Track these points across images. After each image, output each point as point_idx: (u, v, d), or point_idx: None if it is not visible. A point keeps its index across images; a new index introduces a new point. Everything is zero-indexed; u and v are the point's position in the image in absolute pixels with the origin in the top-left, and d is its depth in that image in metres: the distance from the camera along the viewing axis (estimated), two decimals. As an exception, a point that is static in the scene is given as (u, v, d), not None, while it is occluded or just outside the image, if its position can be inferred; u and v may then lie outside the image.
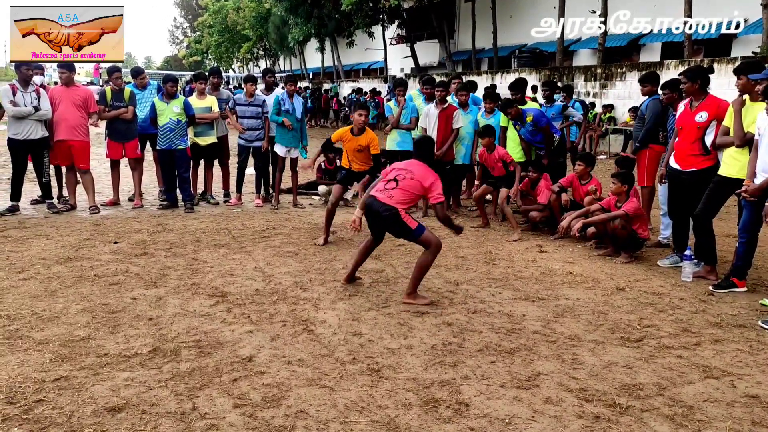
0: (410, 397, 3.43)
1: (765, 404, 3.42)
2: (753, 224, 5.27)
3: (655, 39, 21.31)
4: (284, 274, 5.78)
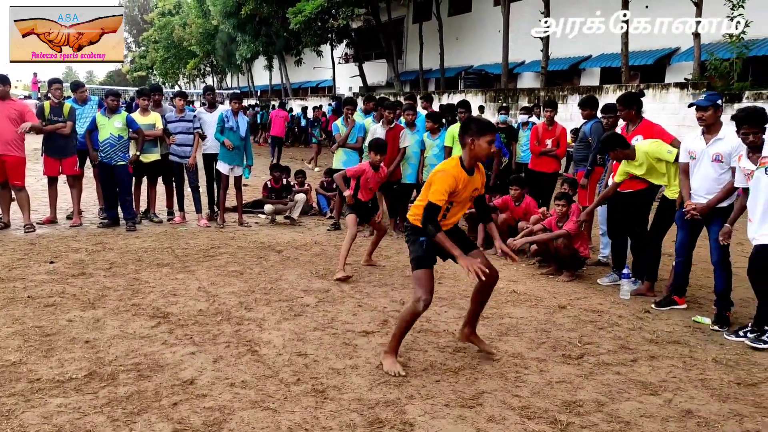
0: (355, 418, 3.41)
1: (697, 418, 3.54)
2: (689, 244, 5.49)
3: (594, 64, 22.07)
4: (229, 294, 5.68)
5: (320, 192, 10.59)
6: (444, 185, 3.88)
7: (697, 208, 5.20)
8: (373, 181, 6.60)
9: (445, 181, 3.89)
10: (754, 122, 4.67)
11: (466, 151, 3.98)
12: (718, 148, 5.16)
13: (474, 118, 4.15)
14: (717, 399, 3.80)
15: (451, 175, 3.92)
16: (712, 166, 5.18)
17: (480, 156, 3.97)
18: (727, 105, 14.02)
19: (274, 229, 9.03)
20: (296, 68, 39.44)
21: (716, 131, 5.22)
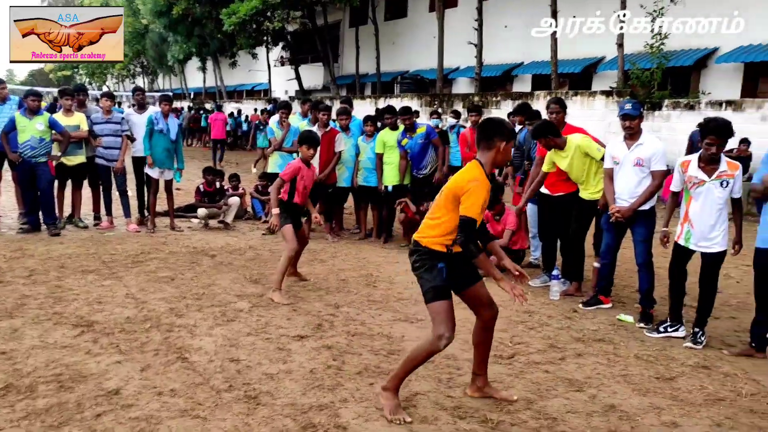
0: (288, 423, 3.37)
1: (620, 412, 3.67)
2: (615, 247, 5.70)
3: (526, 71, 22.66)
4: (158, 301, 5.53)
5: (255, 196, 10.46)
6: (481, 197, 3.34)
7: (621, 211, 5.40)
8: (307, 179, 6.05)
9: (481, 193, 3.34)
10: (720, 134, 4.70)
11: (491, 155, 3.46)
12: (640, 153, 5.39)
13: (502, 120, 3.62)
14: (638, 393, 3.95)
15: (484, 184, 3.38)
16: (634, 171, 5.40)
17: (501, 163, 3.61)
18: (648, 113, 14.69)
19: (208, 234, 8.85)
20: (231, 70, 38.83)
21: (637, 137, 5.45)
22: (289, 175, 5.89)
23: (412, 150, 8.34)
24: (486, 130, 3.52)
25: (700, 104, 14.05)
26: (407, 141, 8.34)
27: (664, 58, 15.16)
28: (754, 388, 4.09)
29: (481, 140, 3.51)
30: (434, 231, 3.49)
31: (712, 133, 4.71)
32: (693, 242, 4.92)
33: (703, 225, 4.84)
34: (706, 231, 4.84)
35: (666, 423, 3.56)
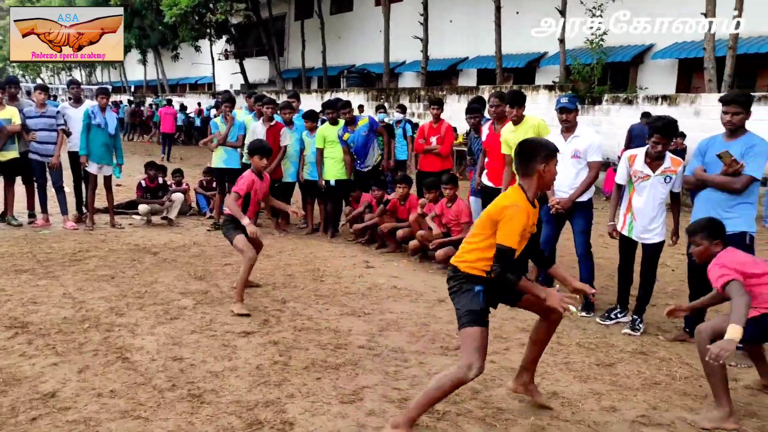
0: (233, 421, 3.33)
1: (562, 399, 3.76)
2: (554, 239, 5.82)
3: (471, 65, 22.89)
4: (98, 300, 5.37)
5: (199, 191, 10.26)
6: (519, 224, 3.13)
7: (561, 203, 5.53)
8: (261, 192, 5.68)
9: (520, 220, 3.13)
10: (667, 134, 4.84)
11: (533, 181, 3.24)
12: (576, 145, 5.52)
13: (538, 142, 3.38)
14: (579, 380, 4.06)
15: (524, 210, 3.18)
16: (571, 163, 5.53)
17: (549, 184, 3.38)
18: (589, 107, 15.07)
19: (150, 231, 8.64)
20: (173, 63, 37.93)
21: (574, 130, 5.58)
22: (245, 190, 5.52)
23: (355, 143, 8.31)
24: (522, 155, 3.29)
25: (638, 99, 14.48)
26: (349, 135, 8.30)
27: (604, 54, 15.56)
28: (688, 371, 4.25)
29: (519, 166, 3.31)
30: (472, 255, 3.27)
31: (659, 132, 4.84)
32: (635, 233, 5.08)
33: (645, 218, 5.00)
34: (647, 223, 5.00)
35: (605, 408, 3.67)
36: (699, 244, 3.86)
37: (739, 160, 4.35)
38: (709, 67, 13.56)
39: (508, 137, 6.10)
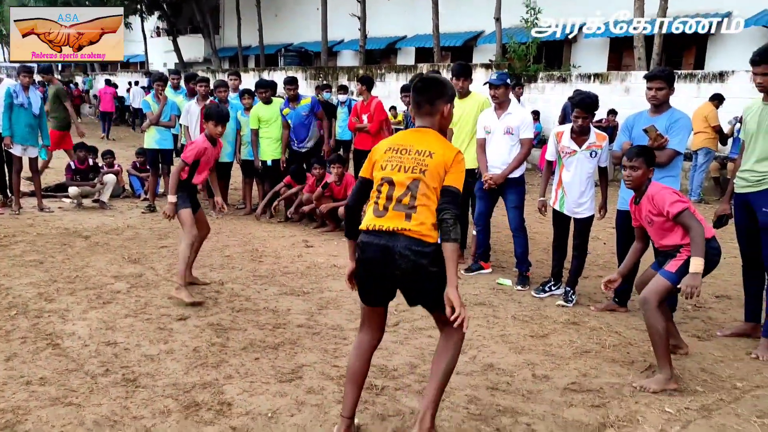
0: (169, 404, 3.28)
1: (498, 370, 3.87)
2: (487, 214, 5.93)
3: (409, 44, 22.92)
4: (26, 286, 5.17)
5: (132, 173, 9.96)
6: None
7: (494, 178, 5.63)
8: (211, 158, 5.24)
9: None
10: (587, 109, 4.98)
11: (436, 121, 2.94)
12: (509, 122, 5.63)
13: (441, 79, 3.01)
14: (514, 351, 4.17)
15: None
16: (504, 139, 5.63)
17: (445, 128, 3.04)
18: (525, 85, 15.33)
19: (81, 214, 8.34)
20: (102, 40, 36.42)
21: (506, 107, 5.68)
22: (192, 158, 4.99)
23: (293, 121, 8.21)
24: (428, 91, 2.92)
25: (572, 77, 14.83)
26: (289, 110, 8.19)
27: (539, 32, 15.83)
28: (617, 339, 4.43)
29: (423, 104, 2.91)
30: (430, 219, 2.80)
31: (578, 106, 5.02)
32: (566, 208, 5.22)
33: (575, 192, 5.14)
34: (577, 197, 5.14)
35: (539, 377, 3.79)
36: (639, 168, 3.96)
37: (664, 135, 4.52)
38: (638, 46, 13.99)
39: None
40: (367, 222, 2.84)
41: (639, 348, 4.28)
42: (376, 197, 2.87)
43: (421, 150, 2.82)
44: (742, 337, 4.48)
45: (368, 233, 2.82)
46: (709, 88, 11.90)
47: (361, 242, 2.85)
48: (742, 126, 4.42)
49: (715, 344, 4.37)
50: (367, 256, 2.83)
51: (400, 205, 2.79)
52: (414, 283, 2.85)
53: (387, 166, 2.86)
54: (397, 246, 2.74)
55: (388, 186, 2.82)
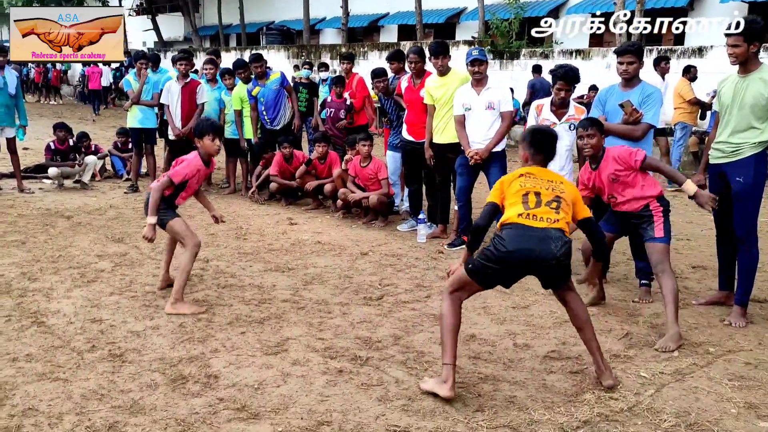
0: (156, 377, 3.33)
1: (480, 340, 3.95)
2: (468, 189, 5.98)
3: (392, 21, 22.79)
4: (8, 266, 5.17)
5: (114, 153, 9.89)
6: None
7: (480, 153, 5.68)
8: (202, 178, 4.72)
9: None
10: (569, 81, 5.06)
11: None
12: (490, 96, 5.67)
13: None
14: (496, 322, 4.26)
15: None
16: (485, 114, 5.68)
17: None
18: (507, 62, 15.34)
19: (62, 195, 8.30)
20: (80, 20, 35.82)
21: (485, 83, 5.73)
22: (181, 178, 4.41)
23: (265, 98, 8.11)
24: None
25: (554, 53, 14.86)
26: (259, 89, 8.12)
27: (521, 8, 15.83)
28: (596, 309, 4.51)
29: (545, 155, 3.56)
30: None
31: (561, 79, 5.08)
32: None
33: (554, 166, 5.19)
34: (556, 171, 5.20)
35: (519, 345, 3.88)
36: (594, 136, 4.24)
37: (639, 110, 4.58)
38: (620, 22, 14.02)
39: (432, 88, 6.16)
40: (518, 212, 3.24)
41: (616, 317, 4.38)
42: (521, 200, 3.30)
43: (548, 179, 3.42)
44: (716, 305, 4.60)
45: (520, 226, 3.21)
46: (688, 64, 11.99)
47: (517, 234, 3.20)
48: (717, 98, 4.49)
49: (690, 312, 4.49)
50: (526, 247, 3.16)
51: (549, 203, 3.28)
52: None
53: (526, 185, 3.35)
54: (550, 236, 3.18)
55: (534, 195, 3.30)
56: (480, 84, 5.71)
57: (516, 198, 3.32)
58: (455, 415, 3.04)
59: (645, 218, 4.15)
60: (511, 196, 3.35)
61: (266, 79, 8.13)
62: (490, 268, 3.21)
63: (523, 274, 3.30)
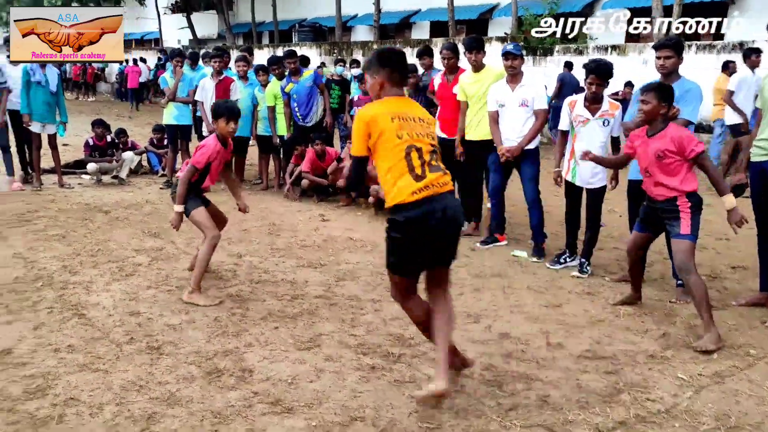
0: (192, 370, 3.39)
1: (513, 339, 3.93)
2: (501, 187, 5.94)
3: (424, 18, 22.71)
4: (50, 259, 5.30)
5: (150, 149, 10.06)
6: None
7: (511, 150, 5.63)
8: (222, 159, 4.77)
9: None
10: (601, 74, 4.98)
11: None
12: (524, 94, 5.62)
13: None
14: (529, 321, 4.23)
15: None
16: (519, 111, 5.62)
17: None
18: (541, 58, 15.18)
19: (101, 190, 8.47)
20: (117, 18, 36.43)
21: (520, 79, 5.67)
22: (204, 162, 4.53)
23: (298, 95, 8.17)
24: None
25: (588, 49, 14.65)
26: (292, 86, 8.18)
27: (555, 4, 15.63)
28: (631, 309, 4.46)
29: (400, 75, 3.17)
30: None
31: (593, 73, 5.00)
32: (578, 179, 5.22)
33: (587, 163, 5.14)
34: (589, 168, 5.14)
35: (553, 344, 3.85)
36: (649, 102, 4.06)
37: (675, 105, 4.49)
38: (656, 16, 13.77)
39: (466, 84, 6.13)
40: (413, 190, 2.88)
41: (653, 317, 4.32)
42: (407, 165, 2.91)
43: (415, 116, 3.04)
44: (757, 306, 4.51)
45: (423, 202, 2.87)
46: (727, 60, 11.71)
47: (422, 212, 2.87)
48: (760, 95, 4.39)
49: (730, 313, 4.40)
50: (430, 225, 2.88)
51: (434, 167, 2.96)
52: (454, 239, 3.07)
53: (404, 134, 2.95)
54: (452, 204, 2.97)
55: (416, 152, 2.94)
56: (514, 80, 5.66)
57: (397, 159, 2.91)
58: (488, 413, 3.03)
59: (672, 213, 4.03)
60: (389, 153, 2.93)
61: (299, 75, 8.19)
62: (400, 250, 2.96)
63: (430, 248, 2.96)
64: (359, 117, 3.00)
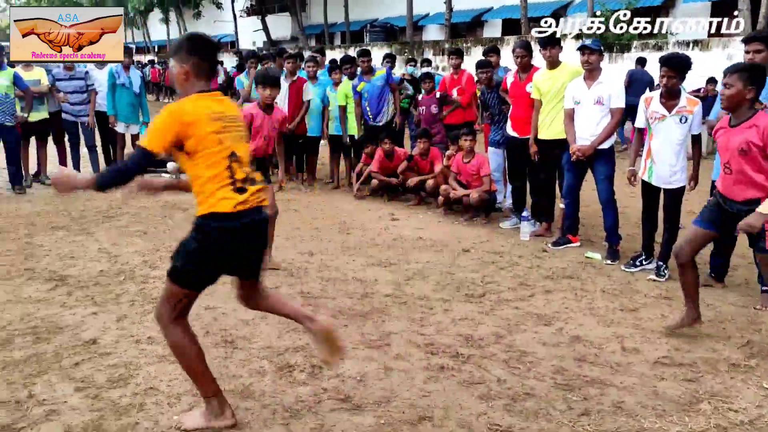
0: (264, 365, 3.47)
1: (585, 342, 3.83)
2: (575, 186, 5.80)
3: (496, 15, 22.45)
4: (132, 254, 5.54)
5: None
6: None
7: (582, 150, 5.49)
8: (266, 127, 5.04)
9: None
10: (674, 67, 4.71)
11: None
12: (600, 91, 5.45)
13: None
14: (602, 324, 4.11)
15: None
16: (594, 109, 5.46)
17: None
18: (618, 55, 14.73)
19: (179, 188, 8.78)
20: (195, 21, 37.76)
21: (597, 76, 5.50)
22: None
23: (369, 94, 8.19)
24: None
25: (668, 45, 14.11)
26: (364, 85, 8.23)
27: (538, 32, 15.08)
28: (712, 314, 4.27)
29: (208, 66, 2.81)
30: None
31: (664, 64, 4.76)
32: (655, 179, 5.03)
33: (664, 162, 4.94)
34: (667, 167, 4.94)
35: (628, 349, 3.72)
36: (732, 85, 3.68)
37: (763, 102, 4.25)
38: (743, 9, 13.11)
39: (540, 82, 6.02)
40: (235, 203, 2.68)
41: (735, 324, 4.12)
42: (228, 176, 2.68)
43: (233, 116, 2.79)
44: None
45: (242, 215, 2.69)
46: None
47: (238, 224, 2.69)
48: None
49: (822, 323, 4.14)
50: (245, 237, 2.74)
51: (252, 180, 2.78)
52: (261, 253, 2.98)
53: (226, 139, 2.69)
54: (266, 218, 2.86)
55: (237, 161, 2.72)
56: (591, 77, 5.51)
57: (220, 169, 2.65)
58: (560, 417, 2.97)
59: (739, 206, 3.73)
60: (209, 161, 2.63)
61: (372, 74, 8.24)
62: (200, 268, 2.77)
63: (239, 261, 2.80)
64: (174, 112, 2.61)
